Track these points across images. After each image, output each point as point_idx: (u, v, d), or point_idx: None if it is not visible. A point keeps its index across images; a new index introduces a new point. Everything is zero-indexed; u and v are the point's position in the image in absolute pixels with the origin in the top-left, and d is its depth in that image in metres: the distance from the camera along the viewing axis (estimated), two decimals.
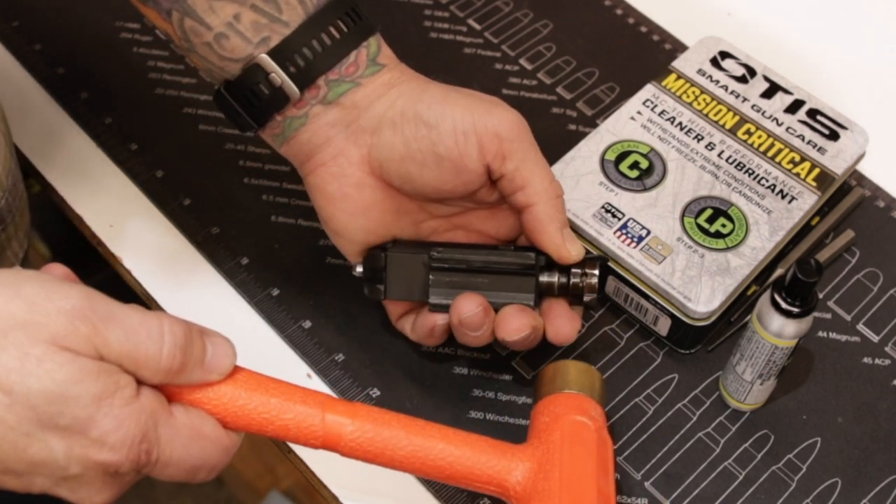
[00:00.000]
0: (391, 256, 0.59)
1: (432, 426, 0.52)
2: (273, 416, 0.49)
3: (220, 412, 0.48)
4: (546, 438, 0.54)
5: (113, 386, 0.43)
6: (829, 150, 0.69)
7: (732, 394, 0.63)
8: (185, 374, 0.46)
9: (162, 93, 0.76)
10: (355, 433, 0.50)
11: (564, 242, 0.57)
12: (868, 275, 0.70)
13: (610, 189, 0.66)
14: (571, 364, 0.58)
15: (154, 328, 0.45)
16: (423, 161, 0.56)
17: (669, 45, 0.81)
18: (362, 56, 0.57)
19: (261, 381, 0.49)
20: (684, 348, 0.66)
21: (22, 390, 0.42)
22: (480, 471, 0.52)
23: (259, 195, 0.72)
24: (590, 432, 0.54)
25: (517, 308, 0.58)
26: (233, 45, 0.56)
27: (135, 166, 0.72)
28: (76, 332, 0.43)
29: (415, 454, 0.51)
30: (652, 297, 0.64)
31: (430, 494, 0.60)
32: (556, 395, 0.57)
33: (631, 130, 0.69)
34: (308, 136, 0.58)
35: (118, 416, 0.43)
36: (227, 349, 0.48)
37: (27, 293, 0.43)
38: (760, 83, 0.72)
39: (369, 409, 0.51)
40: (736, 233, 0.65)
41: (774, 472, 0.62)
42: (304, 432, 0.49)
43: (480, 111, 0.56)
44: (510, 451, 0.53)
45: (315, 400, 0.50)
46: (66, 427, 0.42)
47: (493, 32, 0.81)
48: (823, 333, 0.67)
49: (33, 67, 0.77)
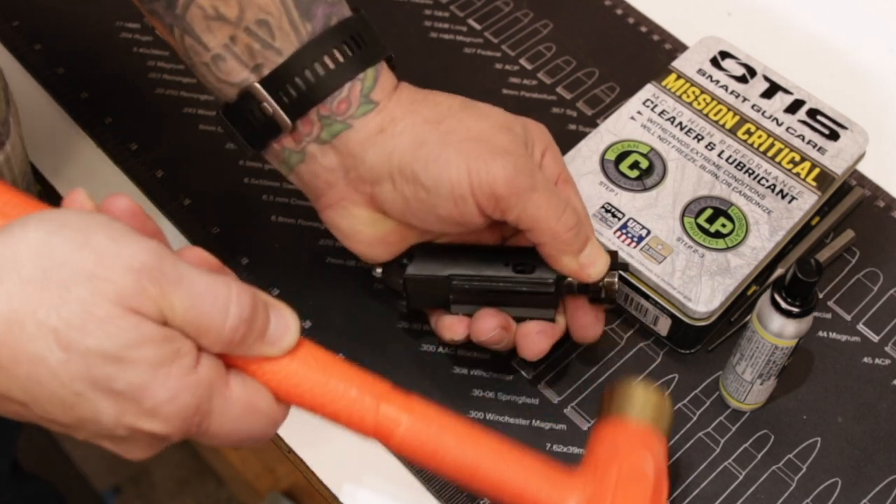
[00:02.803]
0: (409, 280, 0.59)
1: (488, 437, 0.50)
2: (327, 399, 0.47)
3: (275, 385, 0.46)
4: (602, 474, 0.51)
5: (173, 354, 0.42)
6: (829, 150, 0.69)
7: (732, 394, 0.63)
8: (246, 347, 0.45)
9: (162, 93, 0.76)
10: (408, 432, 0.48)
11: (582, 268, 0.57)
12: (868, 275, 0.70)
13: (610, 189, 0.66)
14: (642, 389, 0.55)
15: (221, 296, 0.43)
16: (425, 217, 0.56)
17: (669, 45, 0.81)
18: (355, 91, 0.56)
19: (320, 360, 0.48)
20: (684, 348, 0.66)
21: (80, 349, 0.40)
22: (531, 496, 0.49)
23: (259, 195, 0.72)
24: (649, 477, 0.52)
25: (537, 329, 0.59)
26: (229, 68, 0.55)
27: (135, 166, 0.72)
28: (144, 293, 0.41)
29: (464, 465, 0.49)
30: (652, 297, 0.64)
31: (430, 494, 0.60)
32: (620, 421, 0.54)
33: (631, 130, 0.69)
34: (310, 178, 0.58)
35: (174, 387, 0.42)
36: (291, 324, 0.46)
37: (96, 243, 0.41)
38: (760, 83, 0.72)
39: (427, 407, 0.49)
40: (736, 233, 0.65)
41: (774, 472, 0.62)
42: (356, 421, 0.48)
43: (475, 168, 0.54)
44: (562, 481, 0.50)
45: (373, 388, 0.48)
46: (119, 392, 0.41)
47: (493, 32, 0.81)
48: (823, 333, 0.67)
49: (33, 67, 0.77)
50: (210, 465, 1.45)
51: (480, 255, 0.60)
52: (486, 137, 0.55)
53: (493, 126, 0.56)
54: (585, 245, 0.57)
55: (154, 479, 1.47)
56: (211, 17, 0.54)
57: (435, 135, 0.55)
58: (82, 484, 1.46)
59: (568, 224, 0.56)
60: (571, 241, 0.56)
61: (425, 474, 0.61)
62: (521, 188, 0.54)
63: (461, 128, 0.56)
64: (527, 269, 0.59)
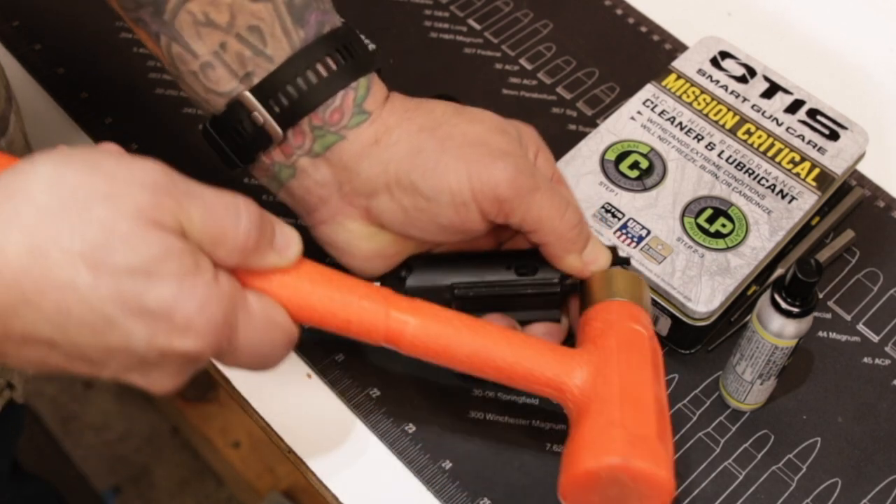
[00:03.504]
0: (411, 291, 0.58)
1: (493, 327, 0.52)
2: (338, 308, 0.49)
3: (286, 302, 0.48)
4: (602, 344, 0.54)
5: (195, 267, 0.43)
6: (829, 150, 0.69)
7: (732, 394, 0.63)
8: (259, 255, 0.46)
9: (162, 93, 0.76)
10: (418, 330, 0.50)
11: (586, 266, 0.57)
12: (868, 275, 0.70)
13: (610, 189, 0.66)
14: (619, 272, 0.57)
15: (231, 205, 0.45)
16: (425, 227, 0.55)
17: (669, 45, 0.81)
18: (348, 100, 0.55)
19: (325, 273, 0.49)
20: (684, 348, 0.66)
21: (108, 267, 0.40)
22: (540, 372, 0.52)
23: (259, 195, 0.71)
24: (644, 340, 0.54)
25: (543, 330, 0.58)
26: (218, 76, 0.54)
27: None
28: (161, 205, 0.42)
29: (476, 353, 0.51)
30: (652, 297, 0.64)
31: (430, 494, 0.60)
32: (607, 301, 0.56)
33: (631, 130, 0.69)
34: (302, 193, 0.56)
35: (202, 297, 0.42)
36: (294, 235, 0.48)
37: (106, 167, 0.42)
38: (760, 83, 0.72)
39: (432, 306, 0.51)
40: (736, 233, 0.65)
41: (774, 472, 0.62)
42: (367, 326, 0.50)
43: (476, 172, 0.53)
44: (569, 355, 0.53)
45: (379, 295, 0.50)
46: (150, 310, 0.41)
47: (493, 32, 0.81)
48: (823, 333, 0.67)
49: (33, 67, 0.77)
50: (210, 465, 1.45)
51: (481, 261, 0.59)
52: (483, 140, 0.55)
53: (489, 129, 0.56)
54: (587, 242, 0.57)
55: (154, 479, 1.47)
56: (201, 23, 0.53)
57: (432, 142, 0.54)
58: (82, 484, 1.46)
59: (571, 222, 0.55)
60: (575, 240, 0.56)
61: (426, 474, 0.61)
62: (524, 189, 0.54)
63: (457, 133, 0.55)
64: (529, 271, 0.58)
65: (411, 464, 0.61)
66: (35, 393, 1.54)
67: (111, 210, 0.41)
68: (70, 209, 0.41)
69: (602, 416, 0.51)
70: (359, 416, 0.63)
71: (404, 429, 0.62)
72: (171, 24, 0.53)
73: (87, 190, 0.41)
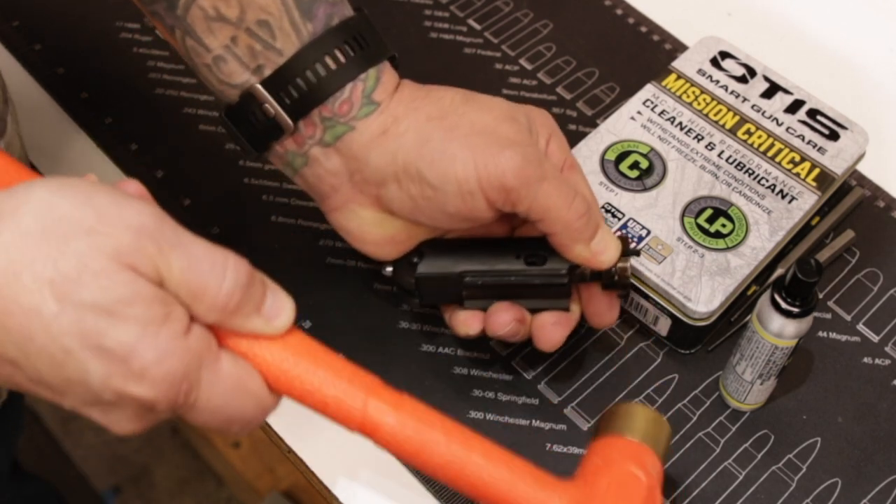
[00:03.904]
0: (421, 279, 0.59)
1: (476, 438, 0.49)
2: (315, 388, 0.47)
3: (265, 370, 0.46)
4: (593, 482, 0.51)
5: (164, 316, 0.42)
6: (829, 150, 0.69)
7: (732, 394, 0.63)
8: (241, 317, 0.44)
9: (162, 93, 0.76)
10: (395, 427, 0.48)
11: (594, 255, 0.57)
12: (868, 275, 0.70)
13: (610, 189, 0.66)
14: (641, 409, 0.54)
15: (219, 262, 0.43)
16: (433, 215, 0.56)
17: (669, 45, 0.81)
18: (357, 91, 0.55)
19: (311, 349, 0.47)
20: (684, 348, 0.66)
21: (73, 300, 0.40)
22: (517, 497, 0.49)
23: (259, 195, 0.72)
24: (641, 488, 0.51)
25: (553, 319, 0.58)
26: (230, 69, 0.55)
27: (135, 166, 0.72)
28: (141, 250, 0.41)
29: (451, 464, 0.48)
30: (652, 297, 0.64)
31: (430, 494, 0.60)
32: (616, 437, 0.53)
33: (631, 130, 0.69)
34: (314, 181, 0.58)
35: (163, 348, 0.41)
36: (288, 305, 0.46)
37: (98, 203, 0.42)
38: (760, 83, 0.72)
39: (415, 404, 0.49)
40: (736, 233, 0.65)
41: (774, 472, 0.62)
42: (344, 413, 0.47)
43: (483, 161, 0.54)
44: (551, 486, 0.50)
45: (363, 382, 0.47)
46: (108, 350, 0.41)
47: (493, 32, 0.81)
48: (823, 333, 0.67)
49: (33, 67, 0.77)
50: (210, 465, 1.45)
51: (491, 249, 0.59)
52: (491, 129, 0.55)
53: (498, 117, 0.56)
54: (596, 232, 0.57)
55: (154, 479, 1.47)
56: (212, 17, 0.54)
57: (439, 131, 0.55)
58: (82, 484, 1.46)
59: (578, 211, 0.55)
60: (583, 229, 0.56)
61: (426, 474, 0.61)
62: (531, 178, 0.54)
63: (465, 122, 0.55)
64: (538, 261, 0.58)
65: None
66: None
67: (90, 246, 0.41)
68: (51, 238, 0.41)
69: None
70: None
71: None
72: (184, 19, 0.54)
73: (71, 223, 0.41)
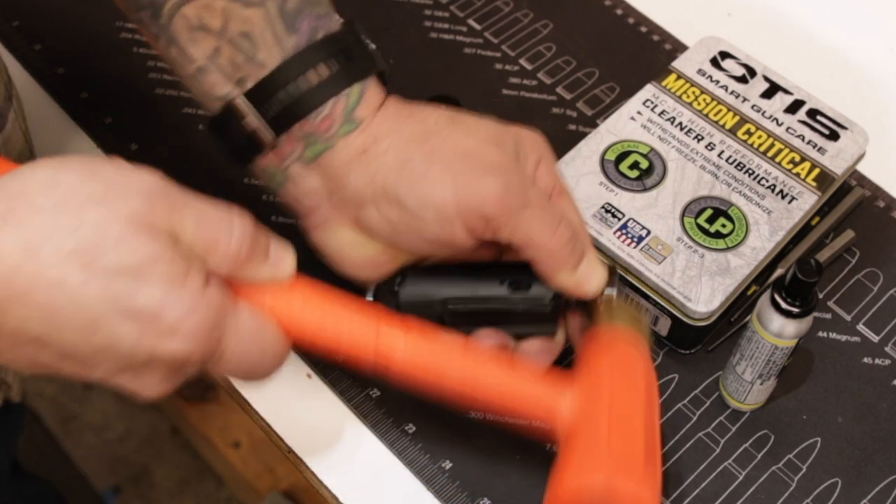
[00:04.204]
0: (403, 304, 0.57)
1: (482, 355, 0.52)
2: (328, 325, 0.49)
3: (278, 316, 0.48)
4: (595, 366, 0.53)
5: (185, 271, 0.43)
6: (829, 150, 0.69)
7: (732, 394, 0.63)
8: (252, 267, 0.47)
9: (162, 93, 0.76)
10: (408, 348, 0.50)
11: (578, 284, 0.55)
12: (868, 275, 0.70)
13: (610, 189, 0.66)
14: (622, 306, 0.56)
15: (225, 216, 0.46)
16: (412, 241, 0.54)
17: (669, 45, 0.81)
18: (339, 108, 0.54)
19: (319, 290, 0.50)
20: (684, 348, 0.66)
21: (98, 267, 0.41)
22: (530, 395, 0.52)
23: (259, 195, 0.72)
24: (638, 363, 0.54)
25: (537, 347, 0.57)
26: (213, 80, 0.54)
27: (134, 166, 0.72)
28: (154, 210, 0.43)
29: (465, 377, 0.51)
30: (652, 297, 0.64)
31: (430, 494, 0.60)
32: (605, 329, 0.56)
33: (631, 130, 0.69)
34: (295, 198, 0.57)
35: (190, 301, 0.43)
36: (288, 250, 0.49)
37: (103, 174, 0.43)
38: (760, 83, 0.72)
39: (423, 326, 0.51)
40: (736, 233, 0.65)
41: (774, 472, 0.62)
42: (358, 344, 0.50)
43: (463, 188, 0.52)
44: (560, 380, 0.52)
45: (370, 311, 0.50)
46: (137, 311, 0.42)
47: (493, 32, 0.81)
48: (823, 333, 0.67)
49: (33, 67, 0.77)
50: (210, 465, 1.45)
51: (474, 274, 0.57)
52: (474, 154, 0.53)
53: (482, 140, 0.54)
54: (581, 260, 0.55)
55: (154, 479, 1.47)
56: (195, 27, 0.53)
57: (420, 154, 0.53)
58: (82, 484, 1.46)
59: (563, 239, 0.53)
60: (567, 258, 0.54)
61: (426, 474, 0.61)
62: (512, 207, 0.52)
63: (447, 145, 0.53)
64: (523, 287, 0.56)
65: (411, 464, 0.61)
66: (35, 393, 1.54)
67: (105, 213, 0.42)
68: (64, 211, 0.41)
69: (589, 437, 0.50)
70: (358, 416, 0.63)
71: (404, 429, 0.62)
72: (168, 28, 0.54)
73: (82, 194, 0.42)
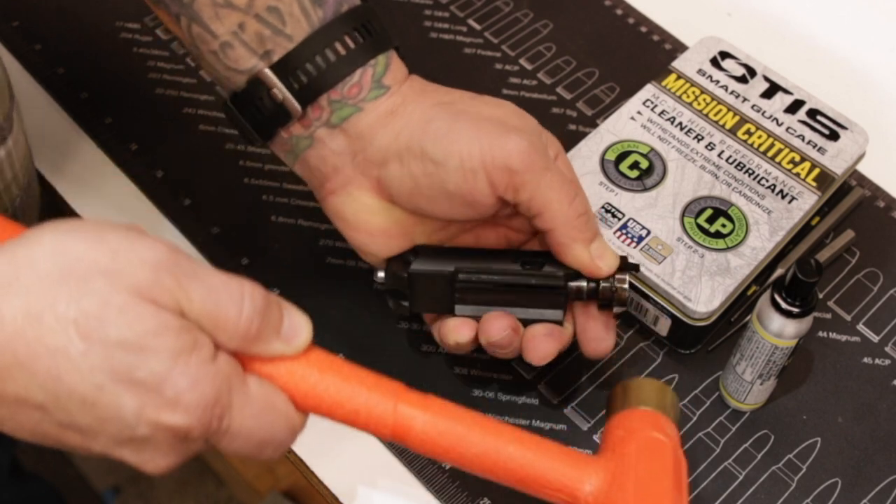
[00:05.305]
0: (415, 276, 0.58)
1: (505, 426, 0.50)
2: (345, 399, 0.47)
3: (291, 390, 0.46)
4: (620, 451, 0.52)
5: (192, 344, 0.42)
6: (829, 150, 0.69)
7: (732, 394, 0.63)
8: (262, 342, 0.45)
9: (162, 93, 0.76)
10: (427, 426, 0.48)
11: (593, 259, 0.56)
12: (868, 275, 0.70)
13: (610, 189, 0.66)
14: (646, 381, 0.56)
15: (235, 290, 0.44)
16: (433, 196, 0.55)
17: (669, 45, 0.81)
18: (367, 76, 0.55)
19: (334, 363, 0.48)
20: (684, 348, 0.66)
21: (100, 337, 0.40)
22: (553, 477, 0.50)
23: (259, 195, 0.72)
24: (666, 449, 0.52)
25: (544, 331, 0.57)
26: (238, 55, 0.55)
27: (135, 166, 0.72)
28: (160, 283, 0.42)
29: (486, 454, 0.49)
30: (652, 297, 0.64)
31: (430, 495, 0.60)
32: (630, 410, 0.54)
33: (631, 130, 0.69)
34: (317, 162, 0.57)
35: (194, 375, 0.42)
36: (304, 323, 0.47)
37: (111, 242, 0.42)
38: (760, 83, 0.72)
39: (443, 402, 0.50)
40: (736, 233, 0.65)
41: (774, 472, 0.62)
42: (375, 420, 0.48)
43: (488, 142, 0.54)
44: (584, 461, 0.51)
45: (388, 388, 0.48)
46: (140, 382, 0.41)
47: (493, 32, 0.81)
48: (823, 333, 0.67)
49: (33, 67, 0.77)
50: (210, 465, 1.45)
51: (488, 253, 0.59)
52: (499, 119, 0.55)
53: (507, 113, 0.56)
54: (594, 238, 0.56)
55: (154, 479, 1.47)
56: (219, 4, 0.54)
57: (446, 114, 0.55)
58: (82, 484, 1.46)
59: (579, 209, 0.55)
60: (582, 229, 0.55)
61: (426, 474, 0.61)
62: (536, 165, 0.54)
63: (473, 110, 0.56)
64: (535, 267, 0.58)
65: (411, 464, 0.61)
66: None
67: (109, 283, 0.41)
68: (69, 278, 0.41)
69: None
70: None
71: None
72: (191, 6, 0.54)
73: (88, 262, 0.41)
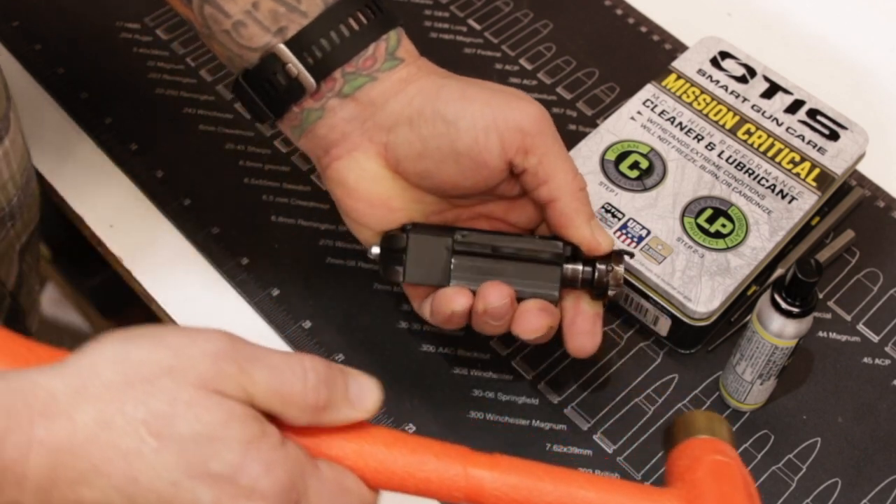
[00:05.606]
0: (413, 238, 0.57)
1: (574, 473, 0.50)
2: (415, 469, 0.47)
3: (361, 468, 0.46)
4: (690, 479, 0.51)
5: (260, 431, 0.42)
6: (829, 150, 0.69)
7: (732, 394, 0.63)
8: (332, 411, 0.45)
9: (162, 93, 0.76)
10: (497, 482, 0.48)
11: (594, 234, 0.57)
12: (868, 275, 0.70)
13: (610, 189, 0.66)
14: (699, 413, 0.55)
15: (296, 364, 0.44)
16: (442, 158, 0.56)
17: (669, 45, 0.81)
18: (381, 49, 0.57)
19: (399, 437, 0.48)
20: (684, 348, 0.66)
21: (171, 434, 0.41)
22: None
23: (259, 195, 0.72)
24: (733, 468, 0.52)
25: (538, 306, 0.57)
26: (251, 33, 0.55)
27: (135, 166, 0.72)
28: (222, 373, 0.42)
29: (561, 500, 0.49)
30: (652, 297, 0.64)
31: None
32: (688, 441, 0.54)
33: (631, 130, 0.69)
34: (325, 131, 0.57)
35: (267, 460, 0.42)
36: (372, 385, 0.47)
37: (170, 341, 0.43)
38: (760, 83, 0.72)
39: (511, 459, 0.49)
40: (736, 233, 0.65)
41: (774, 472, 0.62)
42: (448, 484, 0.48)
43: (501, 105, 0.56)
44: (658, 494, 0.51)
45: (455, 453, 0.49)
46: (215, 474, 0.41)
47: (493, 32, 0.81)
48: (823, 333, 0.67)
49: (33, 67, 0.77)
50: None
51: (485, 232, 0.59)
52: (510, 92, 0.57)
53: (518, 94, 0.58)
54: (593, 217, 0.57)
55: None
56: None
57: (459, 82, 0.57)
58: None
59: (581, 184, 0.57)
60: (584, 204, 0.57)
61: None
62: (546, 130, 0.56)
63: (486, 85, 0.58)
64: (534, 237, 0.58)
65: None
66: None
67: (173, 381, 0.41)
68: (134, 381, 0.41)
69: None
70: None
71: (404, 430, 0.62)
72: None
73: (151, 364, 0.42)
